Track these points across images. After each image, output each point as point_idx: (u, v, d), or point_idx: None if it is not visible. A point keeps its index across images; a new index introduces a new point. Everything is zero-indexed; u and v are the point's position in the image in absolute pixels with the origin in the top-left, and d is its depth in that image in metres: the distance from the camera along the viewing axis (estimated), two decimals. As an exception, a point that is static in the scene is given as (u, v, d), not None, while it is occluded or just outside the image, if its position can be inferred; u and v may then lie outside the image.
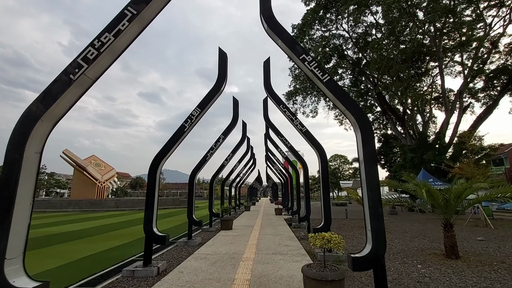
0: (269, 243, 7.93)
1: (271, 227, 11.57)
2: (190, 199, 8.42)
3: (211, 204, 11.40)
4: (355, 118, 3.96)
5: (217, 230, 10.96)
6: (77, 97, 3.35)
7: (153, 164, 5.53)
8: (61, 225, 13.83)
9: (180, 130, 5.72)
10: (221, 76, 5.94)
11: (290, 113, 7.22)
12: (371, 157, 3.82)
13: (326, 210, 6.58)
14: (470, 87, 25.06)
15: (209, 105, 5.91)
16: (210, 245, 7.76)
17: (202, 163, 8.71)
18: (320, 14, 26.30)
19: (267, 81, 7.44)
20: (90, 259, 6.57)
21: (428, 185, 6.32)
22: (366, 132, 3.89)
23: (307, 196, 9.89)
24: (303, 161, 9.95)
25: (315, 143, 6.86)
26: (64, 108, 3.32)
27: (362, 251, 3.75)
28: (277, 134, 10.27)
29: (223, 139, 9.02)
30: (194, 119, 5.75)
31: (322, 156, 6.73)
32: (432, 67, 27.00)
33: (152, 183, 5.47)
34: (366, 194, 3.76)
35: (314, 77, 4.22)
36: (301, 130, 7.02)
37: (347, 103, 4.03)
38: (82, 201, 25.50)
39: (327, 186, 6.64)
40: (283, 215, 17.53)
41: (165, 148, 5.63)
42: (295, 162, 15.27)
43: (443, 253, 6.84)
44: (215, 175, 11.60)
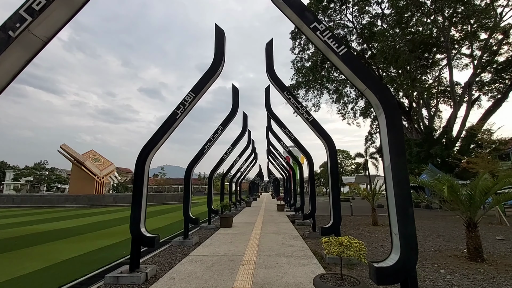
0: (272, 243, 7.30)
1: (274, 225, 10.95)
2: (186, 195, 7.78)
3: (209, 200, 10.77)
4: (377, 98, 3.26)
5: (216, 227, 10.34)
6: (22, 63, 2.56)
7: (140, 156, 4.86)
8: (53, 222, 13.27)
9: (172, 118, 5.03)
10: (218, 56, 5.23)
11: (295, 101, 6.51)
12: (398, 145, 3.12)
13: (335, 207, 5.91)
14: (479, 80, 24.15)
15: (205, 89, 5.22)
16: (207, 245, 7.13)
17: (199, 156, 8.04)
18: (324, 3, 25.31)
19: (270, 66, 6.71)
20: (74, 262, 5.96)
21: (451, 179, 5.63)
22: (391, 116, 3.19)
23: (312, 191, 9.23)
24: (307, 154, 9.26)
25: (323, 133, 6.17)
26: (4, 78, 2.55)
27: (387, 260, 3.08)
28: (280, 126, 9.57)
29: (222, 131, 8.32)
30: (188, 105, 5.06)
31: (330, 147, 6.04)
32: (438, 59, 26.07)
33: (140, 177, 4.81)
34: (392, 190, 3.08)
35: (328, 50, 3.50)
36: (308, 119, 6.32)
37: (368, 80, 3.32)
38: (80, 196, 24.98)
39: (336, 180, 5.96)
40: (285, 211, 16.92)
41: (155, 137, 4.95)
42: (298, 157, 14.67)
43: (464, 255, 6.19)
44: (214, 169, 10.95)
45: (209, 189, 10.93)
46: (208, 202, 10.76)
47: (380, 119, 3.33)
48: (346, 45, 16.16)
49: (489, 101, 25.39)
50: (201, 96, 5.29)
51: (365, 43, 25.71)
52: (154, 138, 4.94)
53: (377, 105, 3.31)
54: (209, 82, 5.18)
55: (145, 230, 4.81)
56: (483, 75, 24.15)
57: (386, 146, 3.18)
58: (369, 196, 11.37)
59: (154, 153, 5.07)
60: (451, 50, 22.91)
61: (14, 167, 75.33)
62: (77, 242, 8.29)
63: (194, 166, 8.01)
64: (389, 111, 3.19)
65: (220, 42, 5.23)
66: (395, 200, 3.04)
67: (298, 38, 28.66)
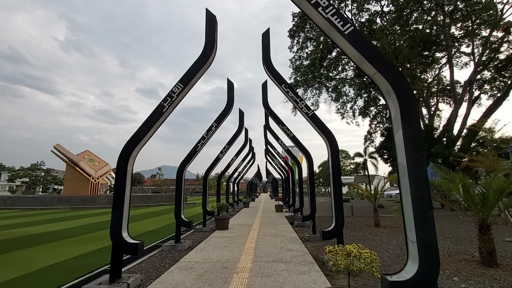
0: (269, 247, 6.83)
1: (272, 227, 10.49)
2: (178, 196, 7.29)
3: (205, 201, 10.30)
4: (390, 83, 2.80)
5: (211, 230, 9.87)
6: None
7: (123, 152, 4.38)
8: (41, 225, 12.71)
9: (158, 111, 4.56)
10: (209, 43, 4.76)
11: (294, 95, 6.05)
12: (414, 137, 2.67)
13: (337, 209, 5.45)
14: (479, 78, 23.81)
15: (194, 80, 4.75)
16: (200, 250, 6.65)
17: (192, 155, 7.56)
18: (322, 0, 24.91)
19: (267, 57, 6.25)
20: (52, 270, 5.46)
21: (465, 178, 5.19)
22: (406, 103, 2.74)
23: (311, 192, 8.79)
24: (307, 152, 8.81)
25: (324, 129, 5.71)
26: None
27: (402, 272, 2.62)
28: (278, 123, 9.11)
29: (216, 127, 7.84)
30: (175, 97, 4.58)
31: (332, 144, 5.58)
32: (438, 58, 25.70)
33: (122, 176, 4.33)
34: (408, 190, 2.62)
35: (331, 30, 3.05)
36: (307, 114, 5.86)
37: (379, 62, 2.87)
38: (73, 198, 24.38)
39: (338, 180, 5.51)
40: (284, 212, 16.46)
41: (139, 133, 4.47)
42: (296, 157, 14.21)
43: (476, 259, 5.76)
44: (210, 169, 10.47)
45: (204, 189, 10.45)
46: (203, 203, 10.28)
47: (392, 108, 2.87)
48: None
49: (489, 100, 25.12)
50: (191, 88, 4.82)
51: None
52: (138, 134, 4.46)
53: (388, 91, 2.86)
54: (200, 72, 4.70)
55: (128, 236, 4.33)
56: (484, 73, 23.84)
57: (400, 139, 2.73)
58: (371, 197, 10.93)
59: (139, 149, 4.59)
60: (452, 47, 22.56)
61: (9, 168, 74.33)
62: (61, 246, 7.78)
63: (186, 166, 7.53)
64: (403, 98, 2.74)
65: (211, 28, 4.77)
66: (412, 202, 2.58)
67: (297, 36, 28.25)
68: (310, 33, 27.60)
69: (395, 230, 9.80)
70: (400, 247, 7.07)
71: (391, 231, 9.61)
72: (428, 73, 27.55)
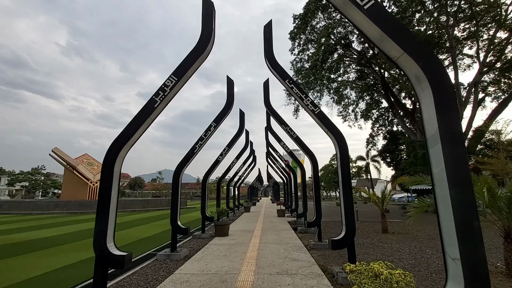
0: (273, 256, 6.31)
1: (274, 233, 9.95)
2: (174, 202, 6.79)
3: (203, 206, 9.79)
4: (420, 66, 2.33)
5: (210, 236, 9.35)
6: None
7: (109, 152, 3.91)
8: (34, 231, 12.20)
9: (149, 107, 4.10)
10: (206, 32, 4.32)
11: (299, 90, 5.59)
12: (453, 129, 2.19)
13: (348, 214, 4.94)
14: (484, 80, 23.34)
15: (190, 72, 4.29)
16: (197, 260, 6.13)
17: (189, 157, 7.07)
18: (324, 1, 24.64)
19: (269, 50, 5.80)
20: (33, 283, 4.95)
21: (490, 181, 4.69)
22: (442, 90, 2.27)
23: (316, 196, 8.27)
24: (311, 153, 8.32)
25: (332, 127, 5.23)
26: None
27: (442, 297, 2.12)
28: (280, 123, 8.64)
29: (215, 128, 7.37)
30: (169, 91, 4.12)
31: (340, 143, 5.09)
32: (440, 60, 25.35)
33: (107, 179, 3.85)
34: (448, 196, 2.13)
35: (348, 5, 2.59)
36: (313, 111, 5.39)
37: (406, 41, 2.40)
38: (71, 202, 23.84)
39: (348, 182, 5.00)
40: (286, 217, 15.91)
41: (128, 131, 4.00)
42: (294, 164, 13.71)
43: (500, 270, 5.23)
44: (209, 172, 9.98)
45: (203, 193, 9.94)
46: (201, 208, 9.77)
47: (423, 96, 2.40)
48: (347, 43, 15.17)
49: (492, 102, 24.65)
50: (185, 81, 4.36)
51: (367, 42, 24.92)
52: (126, 132, 3.99)
53: (418, 76, 2.38)
54: (196, 64, 4.25)
55: (114, 246, 3.83)
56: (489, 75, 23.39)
57: (435, 134, 2.25)
58: (379, 201, 10.40)
59: (128, 149, 4.11)
60: (455, 49, 22.15)
61: (9, 172, 73.90)
62: (51, 255, 7.27)
63: (183, 169, 7.04)
64: (438, 85, 2.26)
65: (208, 15, 4.33)
66: (453, 212, 2.09)
67: (298, 38, 27.96)
68: (311, 35, 27.32)
69: (405, 237, 9.25)
70: (414, 256, 6.54)
71: (400, 238, 9.06)
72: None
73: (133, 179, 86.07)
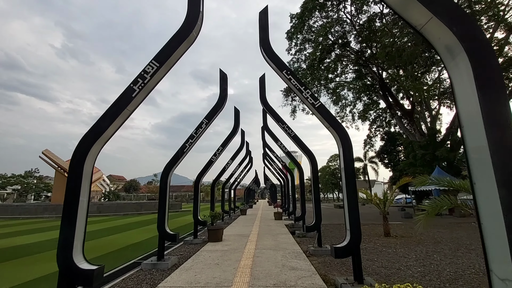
0: (269, 264, 5.76)
1: (271, 237, 9.41)
2: (162, 206, 6.23)
3: (196, 210, 9.21)
4: (454, 32, 1.83)
5: (203, 242, 8.77)
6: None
7: (78, 149, 3.35)
8: (14, 237, 11.49)
9: (126, 96, 3.55)
10: (192, 13, 3.80)
11: (298, 82, 5.08)
12: (502, 112, 1.69)
13: (352, 218, 4.43)
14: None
15: (174, 58, 3.75)
16: (186, 269, 5.56)
17: (179, 156, 6.52)
18: (321, 0, 24.31)
19: (265, 39, 5.30)
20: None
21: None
22: (484, 62, 1.77)
23: (316, 198, 7.76)
24: (309, 153, 7.81)
25: (333, 122, 4.73)
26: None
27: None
28: (277, 121, 8.14)
29: (207, 125, 6.83)
30: (149, 78, 3.57)
31: (343, 139, 4.59)
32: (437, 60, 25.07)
33: (76, 182, 3.29)
34: (497, 196, 1.62)
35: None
36: (314, 105, 4.89)
37: (435, 3, 1.91)
38: (60, 206, 22.92)
39: (352, 183, 4.49)
40: (283, 220, 15.38)
41: (101, 123, 3.45)
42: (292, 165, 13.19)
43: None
44: (201, 174, 9.42)
45: (196, 196, 9.37)
46: (194, 212, 9.19)
47: (455, 72, 1.90)
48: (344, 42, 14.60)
49: None
50: (169, 68, 3.83)
51: (365, 42, 24.59)
52: (99, 125, 3.44)
53: (451, 47, 1.89)
54: (180, 48, 3.73)
55: (82, 259, 3.27)
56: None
57: (475, 117, 1.74)
58: (380, 203, 9.93)
59: (101, 145, 3.56)
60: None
61: (0, 175, 72.32)
62: (27, 264, 6.64)
63: (172, 169, 6.49)
64: (479, 55, 1.76)
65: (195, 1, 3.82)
66: (505, 218, 1.58)
67: (295, 38, 27.61)
68: (308, 35, 26.96)
69: (409, 241, 8.77)
70: (421, 263, 6.04)
71: (404, 242, 8.58)
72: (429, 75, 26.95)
73: (128, 182, 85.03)
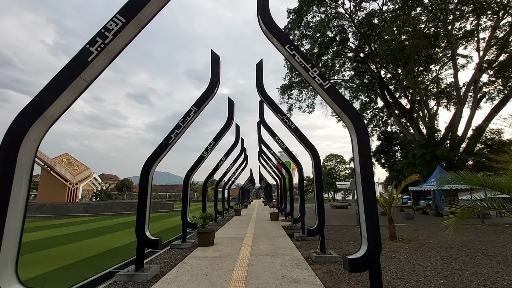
0: (267, 275, 4.92)
1: (267, 241, 8.57)
2: (142, 207, 5.32)
3: (185, 211, 8.32)
4: None
5: (192, 246, 7.89)
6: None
7: (11, 131, 2.45)
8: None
9: (80, 60, 2.67)
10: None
11: (303, 59, 4.23)
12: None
13: (370, 223, 3.60)
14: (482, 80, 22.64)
15: (145, 12, 2.90)
16: (169, 282, 4.67)
17: (163, 149, 5.62)
18: (319, -6, 23.55)
19: (264, 6, 4.46)
20: None
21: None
22: None
23: (318, 198, 6.94)
24: (312, 147, 6.99)
25: (347, 107, 3.90)
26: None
27: None
28: (276, 112, 7.28)
29: (196, 113, 5.92)
30: (111, 37, 2.69)
31: (358, 127, 3.75)
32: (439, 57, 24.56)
33: (7, 175, 2.39)
34: None
35: None
36: (323, 86, 4.04)
37: None
38: (44, 205, 21.76)
39: (370, 179, 3.67)
40: (280, 221, 14.56)
41: (42, 99, 2.55)
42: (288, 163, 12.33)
43: None
44: (191, 171, 8.51)
45: (184, 196, 8.47)
46: (182, 213, 8.29)
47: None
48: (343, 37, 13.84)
49: (486, 102, 24.09)
50: (140, 28, 2.86)
51: (363, 38, 23.87)
52: (40, 100, 2.54)
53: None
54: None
55: (14, 281, 2.37)
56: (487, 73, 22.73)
57: None
58: (386, 204, 9.17)
59: (47, 127, 2.65)
60: (455, 45, 21.41)
61: (-13, 174, 69.83)
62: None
63: (155, 163, 5.58)
64: None
65: None
66: None
67: (292, 34, 26.84)
68: (306, 30, 26.21)
69: (418, 245, 8.03)
70: (441, 273, 5.27)
71: (413, 247, 7.83)
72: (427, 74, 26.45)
73: (121, 181, 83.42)
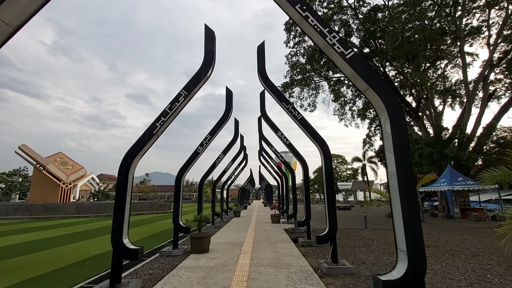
0: (270, 294, 4.01)
1: (269, 247, 7.66)
2: (119, 209, 4.40)
3: (177, 213, 7.41)
4: None
5: (185, 253, 6.99)
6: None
7: None
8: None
9: None
10: None
11: (318, 22, 3.33)
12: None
13: (411, 236, 2.70)
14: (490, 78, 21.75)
15: None
16: (148, 304, 3.76)
17: (145, 142, 4.69)
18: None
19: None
20: None
21: None
22: None
23: (329, 200, 6.02)
24: (321, 140, 6.08)
25: (371, 77, 2.99)
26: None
27: None
28: (280, 101, 6.35)
29: (186, 97, 4.98)
30: None
31: (392, 111, 2.85)
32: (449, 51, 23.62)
33: None
34: None
35: None
36: (344, 55, 3.15)
37: None
38: (35, 206, 20.77)
39: (411, 183, 2.77)
40: (281, 223, 13.65)
41: None
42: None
43: None
44: (183, 169, 7.58)
45: (177, 196, 7.54)
46: (174, 216, 7.36)
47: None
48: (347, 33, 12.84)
49: (492, 102, 23.21)
50: None
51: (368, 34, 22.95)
52: None
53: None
54: None
55: None
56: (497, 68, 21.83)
57: None
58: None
59: None
60: (463, 39, 20.53)
61: (-16, 173, 68.79)
62: None
63: (136, 157, 4.66)
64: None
65: None
66: None
67: (293, 30, 25.97)
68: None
69: (439, 252, 7.13)
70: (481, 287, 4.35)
71: (434, 254, 6.92)
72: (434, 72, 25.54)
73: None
